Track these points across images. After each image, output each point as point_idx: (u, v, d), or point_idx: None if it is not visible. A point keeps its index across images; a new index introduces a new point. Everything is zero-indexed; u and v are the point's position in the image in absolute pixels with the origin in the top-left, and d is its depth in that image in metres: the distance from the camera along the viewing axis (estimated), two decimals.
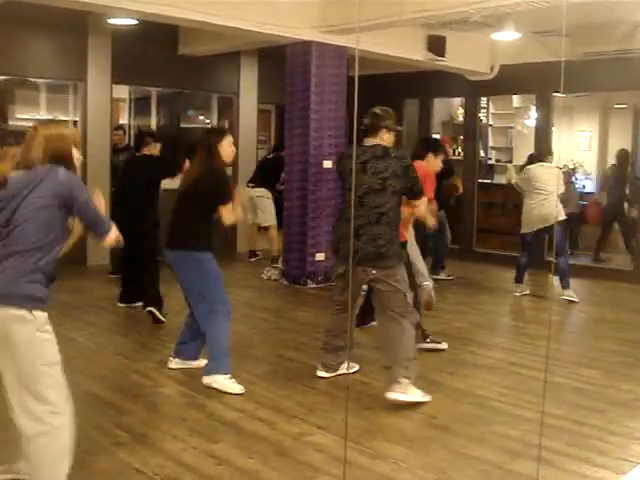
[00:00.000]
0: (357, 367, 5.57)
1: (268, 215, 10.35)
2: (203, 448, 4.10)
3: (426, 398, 4.93)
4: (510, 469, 3.94)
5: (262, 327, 7.13)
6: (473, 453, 4.14)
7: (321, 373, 5.42)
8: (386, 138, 5.15)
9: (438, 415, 4.72)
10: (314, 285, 8.93)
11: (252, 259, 10.76)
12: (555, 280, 8.60)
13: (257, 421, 4.54)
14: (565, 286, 8.31)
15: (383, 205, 4.93)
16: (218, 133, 5.55)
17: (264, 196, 10.30)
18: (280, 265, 9.51)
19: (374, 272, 4.95)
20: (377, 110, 5.18)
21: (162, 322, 6.85)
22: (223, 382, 5.09)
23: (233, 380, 5.11)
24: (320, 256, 8.99)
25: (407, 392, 4.84)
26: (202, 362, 5.39)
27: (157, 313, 6.88)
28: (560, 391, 5.19)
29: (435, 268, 9.33)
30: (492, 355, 6.23)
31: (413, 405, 4.80)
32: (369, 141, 5.10)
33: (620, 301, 8.29)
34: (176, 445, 4.13)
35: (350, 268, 4.97)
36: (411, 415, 4.70)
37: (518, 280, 8.74)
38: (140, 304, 7.15)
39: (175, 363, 5.55)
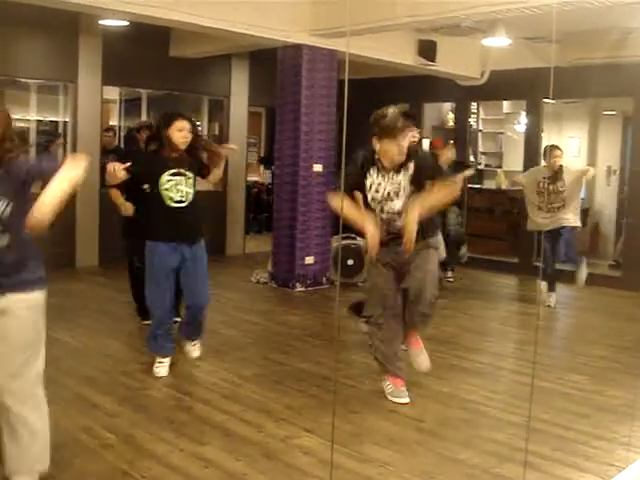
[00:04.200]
0: None
1: None
2: (191, 450, 4.10)
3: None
4: (497, 473, 3.95)
5: (250, 330, 7.12)
6: (460, 457, 4.15)
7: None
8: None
9: (425, 419, 4.72)
10: (303, 289, 8.93)
11: None
12: (543, 285, 8.59)
13: (244, 424, 4.54)
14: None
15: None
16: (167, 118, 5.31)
17: None
18: (269, 268, 9.53)
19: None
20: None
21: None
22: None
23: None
24: (309, 259, 9.00)
25: None
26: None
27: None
28: (547, 396, 5.21)
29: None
30: (480, 359, 6.24)
31: (400, 409, 4.81)
32: None
33: (607, 307, 8.32)
34: (164, 447, 4.12)
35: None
36: (398, 419, 4.71)
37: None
38: None
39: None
